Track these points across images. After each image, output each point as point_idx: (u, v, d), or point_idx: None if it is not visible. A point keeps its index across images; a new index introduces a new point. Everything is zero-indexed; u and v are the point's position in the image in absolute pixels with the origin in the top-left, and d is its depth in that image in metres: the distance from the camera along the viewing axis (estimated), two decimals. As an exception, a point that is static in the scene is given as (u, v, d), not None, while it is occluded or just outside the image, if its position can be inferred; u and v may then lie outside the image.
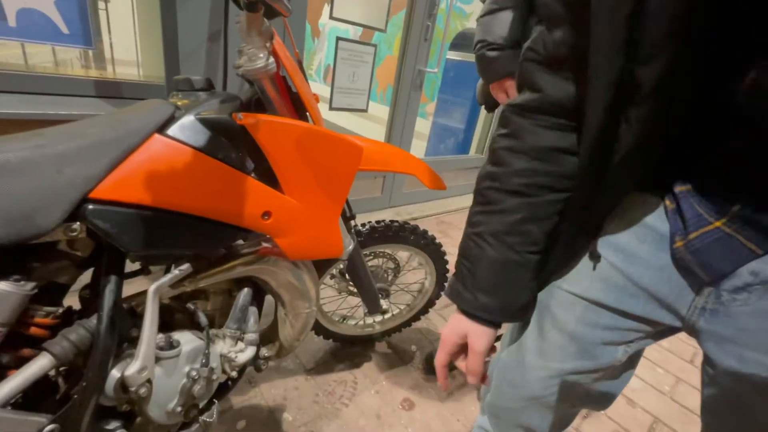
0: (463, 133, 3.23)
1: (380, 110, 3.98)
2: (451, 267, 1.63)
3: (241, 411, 1.07)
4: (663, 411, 1.33)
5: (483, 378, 0.52)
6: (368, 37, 2.32)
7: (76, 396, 0.49)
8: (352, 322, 1.35)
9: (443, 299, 1.59)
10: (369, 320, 1.37)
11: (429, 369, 1.32)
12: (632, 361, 0.54)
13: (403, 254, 1.27)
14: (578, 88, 0.40)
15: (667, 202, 0.40)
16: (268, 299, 0.82)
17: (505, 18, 0.91)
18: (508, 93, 0.97)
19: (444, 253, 1.26)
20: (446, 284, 1.34)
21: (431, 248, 1.22)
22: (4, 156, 0.44)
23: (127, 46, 1.60)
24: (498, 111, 1.08)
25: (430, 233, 1.21)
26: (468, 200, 3.27)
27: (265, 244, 0.72)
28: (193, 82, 0.66)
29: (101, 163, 0.50)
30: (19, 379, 0.46)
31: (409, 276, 1.40)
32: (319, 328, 1.23)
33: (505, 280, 0.48)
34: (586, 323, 0.49)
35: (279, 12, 0.55)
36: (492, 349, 0.53)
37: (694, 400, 1.39)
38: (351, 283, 1.20)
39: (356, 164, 0.74)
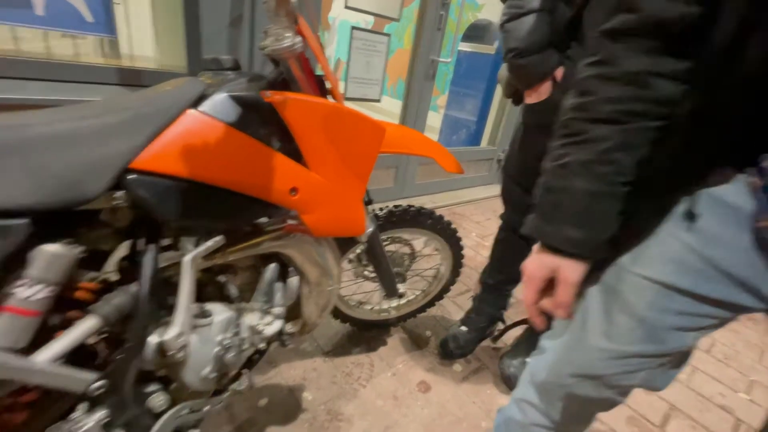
0: (474, 125, 3.22)
1: (391, 104, 3.98)
2: (467, 253, 1.63)
3: (262, 390, 1.09)
4: (679, 399, 1.33)
5: (571, 314, 0.51)
6: (380, 29, 2.32)
7: (120, 357, 0.51)
8: (367, 307, 1.37)
9: (458, 286, 1.60)
10: (384, 305, 1.38)
11: (444, 353, 1.33)
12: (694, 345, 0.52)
13: (419, 240, 1.28)
14: (692, 6, 0.38)
15: (755, 179, 0.39)
16: (292, 277, 0.84)
17: (530, 21, 0.91)
18: (541, 95, 0.98)
19: (460, 239, 1.27)
20: (461, 266, 1.35)
21: (447, 233, 1.22)
22: (53, 127, 0.46)
23: (141, 41, 1.62)
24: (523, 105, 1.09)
25: (446, 218, 1.22)
26: (479, 192, 3.25)
27: (290, 221, 0.74)
28: (221, 62, 0.68)
29: (141, 136, 0.52)
30: (69, 338, 0.48)
31: (424, 262, 1.41)
32: (336, 312, 1.25)
33: (592, 211, 0.46)
34: (656, 308, 0.47)
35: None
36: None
37: (710, 389, 1.39)
38: (368, 267, 1.21)
39: (379, 143, 0.75)
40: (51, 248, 0.45)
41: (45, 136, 0.46)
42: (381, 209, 1.12)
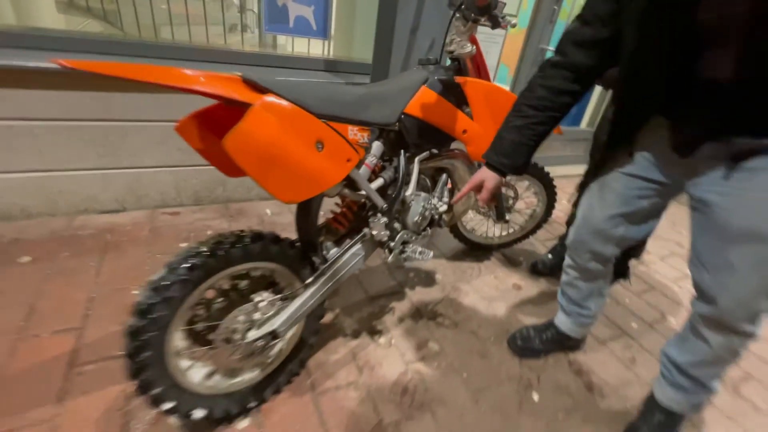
0: (575, 108, 3.46)
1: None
2: (558, 215, 2.09)
3: (409, 268, 1.71)
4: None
5: (489, 200, 0.99)
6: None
7: (391, 198, 1.12)
8: (477, 233, 1.90)
9: (547, 234, 2.04)
10: (490, 234, 1.91)
11: (533, 270, 1.81)
12: (657, 213, 0.97)
13: (522, 185, 1.77)
14: (589, 60, 0.83)
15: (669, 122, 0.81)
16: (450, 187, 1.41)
17: None
18: None
19: (555, 186, 1.72)
20: (553, 207, 1.80)
21: (546, 180, 1.69)
22: (387, 90, 1.06)
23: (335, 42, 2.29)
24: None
25: (546, 169, 1.68)
26: (573, 170, 3.53)
27: (457, 150, 1.30)
28: (429, 60, 1.25)
29: (407, 96, 1.10)
30: (375, 184, 1.10)
31: (522, 204, 1.89)
32: (456, 232, 1.81)
33: (514, 151, 0.93)
34: (625, 186, 0.93)
35: (501, 26, 1.09)
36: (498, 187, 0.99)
37: None
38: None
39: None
40: (378, 142, 1.06)
41: (386, 92, 1.06)
42: (499, 158, 1.63)
